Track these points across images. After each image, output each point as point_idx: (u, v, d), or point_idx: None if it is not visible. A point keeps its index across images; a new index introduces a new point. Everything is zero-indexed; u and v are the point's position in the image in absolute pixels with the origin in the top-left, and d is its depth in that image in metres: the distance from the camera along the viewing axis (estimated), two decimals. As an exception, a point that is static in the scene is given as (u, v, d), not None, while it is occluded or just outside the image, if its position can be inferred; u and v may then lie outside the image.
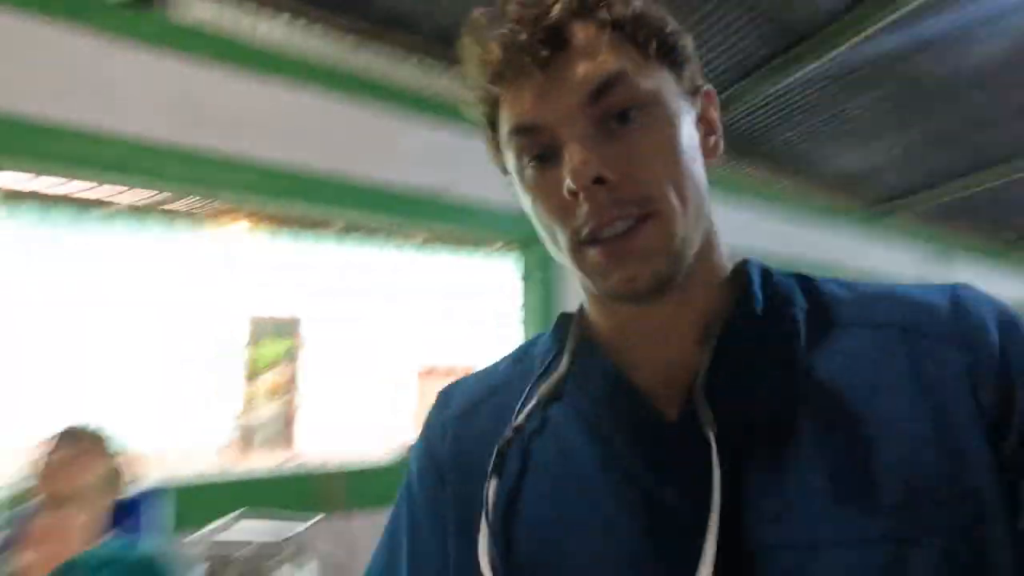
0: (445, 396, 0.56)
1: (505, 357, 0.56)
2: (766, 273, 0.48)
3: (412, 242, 2.44)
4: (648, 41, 0.43)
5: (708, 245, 0.46)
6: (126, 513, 1.31)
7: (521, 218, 0.49)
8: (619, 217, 0.41)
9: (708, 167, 0.47)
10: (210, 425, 2.11)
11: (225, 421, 2.14)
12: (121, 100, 1.81)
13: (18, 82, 1.69)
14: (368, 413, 2.32)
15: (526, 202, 0.46)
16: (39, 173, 1.79)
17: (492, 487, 0.46)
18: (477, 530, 0.44)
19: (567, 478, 0.45)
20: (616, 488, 0.43)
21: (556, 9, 0.42)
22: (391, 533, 0.53)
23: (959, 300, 0.43)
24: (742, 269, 0.49)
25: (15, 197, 1.81)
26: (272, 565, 1.24)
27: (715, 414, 0.41)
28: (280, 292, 2.21)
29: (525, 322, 2.62)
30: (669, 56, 0.44)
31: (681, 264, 0.43)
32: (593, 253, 0.42)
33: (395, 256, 2.42)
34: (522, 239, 2.57)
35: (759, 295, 0.46)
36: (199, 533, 1.51)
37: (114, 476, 1.22)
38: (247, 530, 1.43)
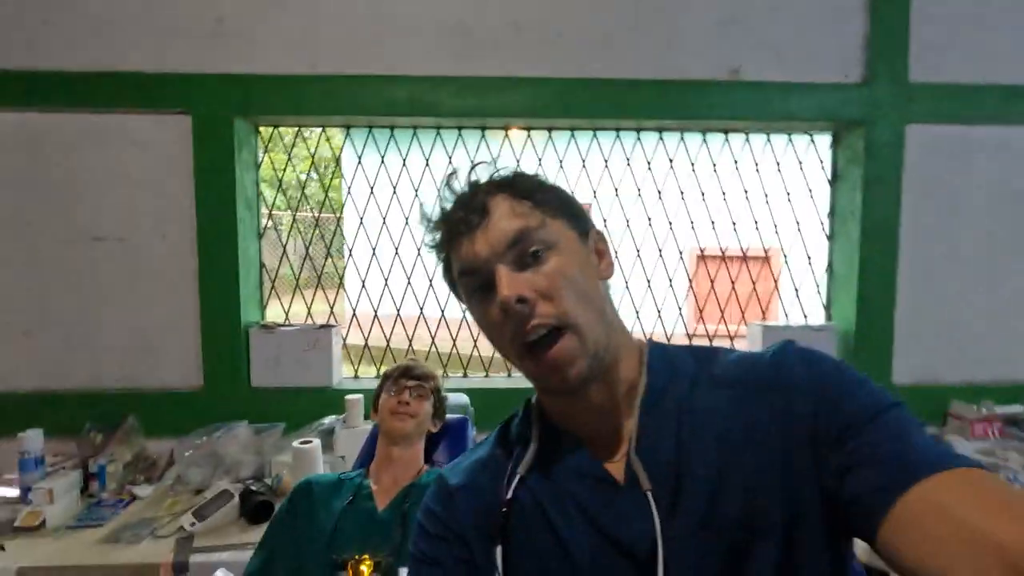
0: (445, 475, 0.72)
1: (490, 438, 0.73)
2: (664, 350, 0.68)
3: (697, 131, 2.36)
4: (545, 205, 0.63)
5: (617, 339, 0.64)
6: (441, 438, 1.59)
7: (832, 94, 0.62)
8: (539, 325, 0.58)
9: (603, 283, 0.67)
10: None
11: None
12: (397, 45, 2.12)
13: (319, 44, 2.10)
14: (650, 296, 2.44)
15: (477, 321, 0.66)
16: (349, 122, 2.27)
17: (499, 552, 0.62)
18: None
19: (549, 532, 0.61)
20: (587, 535, 0.60)
21: (480, 192, 0.63)
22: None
23: (775, 355, 0.63)
24: (646, 349, 0.67)
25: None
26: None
27: (646, 468, 0.59)
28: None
29: (836, 213, 2.38)
30: (564, 213, 0.64)
31: (599, 361, 0.61)
32: (530, 364, 0.61)
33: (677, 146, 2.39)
34: (833, 121, 2.23)
35: (660, 370, 0.65)
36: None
37: (440, 409, 1.49)
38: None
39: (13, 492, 1.76)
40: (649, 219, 2.32)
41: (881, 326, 2.24)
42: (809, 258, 2.44)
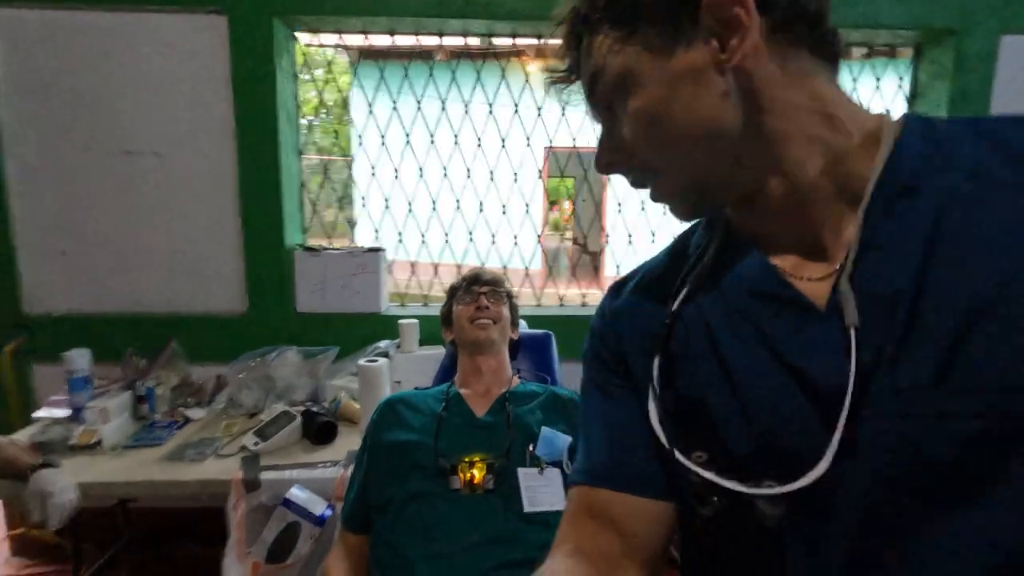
0: (619, 285, 0.63)
1: (664, 249, 0.62)
2: (927, 128, 0.46)
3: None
4: (601, 22, 0.47)
5: (788, 146, 0.46)
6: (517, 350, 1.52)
7: (920, 4, 0.44)
8: (633, 182, 0.53)
9: (751, 71, 0.45)
10: (516, 252, 2.34)
11: (530, 249, 2.35)
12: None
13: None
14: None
15: None
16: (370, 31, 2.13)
17: (656, 363, 0.53)
18: (644, 395, 0.54)
19: (713, 357, 0.50)
20: (761, 362, 0.47)
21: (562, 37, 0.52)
22: (583, 394, 0.63)
23: None
24: (896, 127, 0.46)
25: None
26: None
27: (859, 298, 0.43)
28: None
29: None
30: (630, 20, 0.46)
31: (711, 190, 0.50)
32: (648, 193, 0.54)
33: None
34: (921, 30, 2.05)
35: (911, 155, 0.45)
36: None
37: (515, 316, 1.41)
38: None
39: (63, 412, 1.69)
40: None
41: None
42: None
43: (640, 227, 2.27)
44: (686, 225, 0.60)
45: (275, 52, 1.93)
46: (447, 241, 2.32)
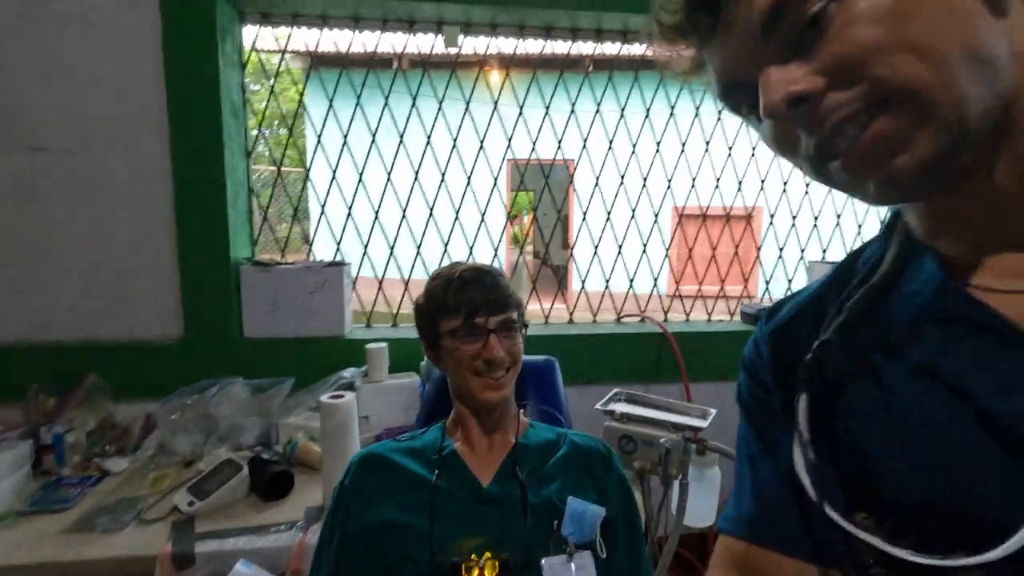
0: (771, 311, 0.54)
1: (832, 268, 0.52)
2: None
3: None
4: None
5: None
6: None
7: None
8: (846, 116, 0.35)
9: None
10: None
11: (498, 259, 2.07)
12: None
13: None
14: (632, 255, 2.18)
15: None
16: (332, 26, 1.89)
17: (803, 401, 0.45)
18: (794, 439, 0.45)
19: (880, 394, 0.42)
20: (944, 405, 0.38)
21: None
22: (739, 430, 0.54)
23: None
24: None
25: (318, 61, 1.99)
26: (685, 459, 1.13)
27: None
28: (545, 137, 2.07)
29: None
30: None
31: (965, 135, 0.34)
32: (836, 171, 0.38)
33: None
34: None
35: None
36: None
37: (526, 328, 1.03)
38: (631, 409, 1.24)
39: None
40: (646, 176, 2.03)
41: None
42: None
43: (607, 241, 2.09)
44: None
45: (218, 34, 1.65)
46: (391, 254, 2.05)
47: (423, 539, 0.79)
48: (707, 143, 2.14)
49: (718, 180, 2.13)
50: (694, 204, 2.16)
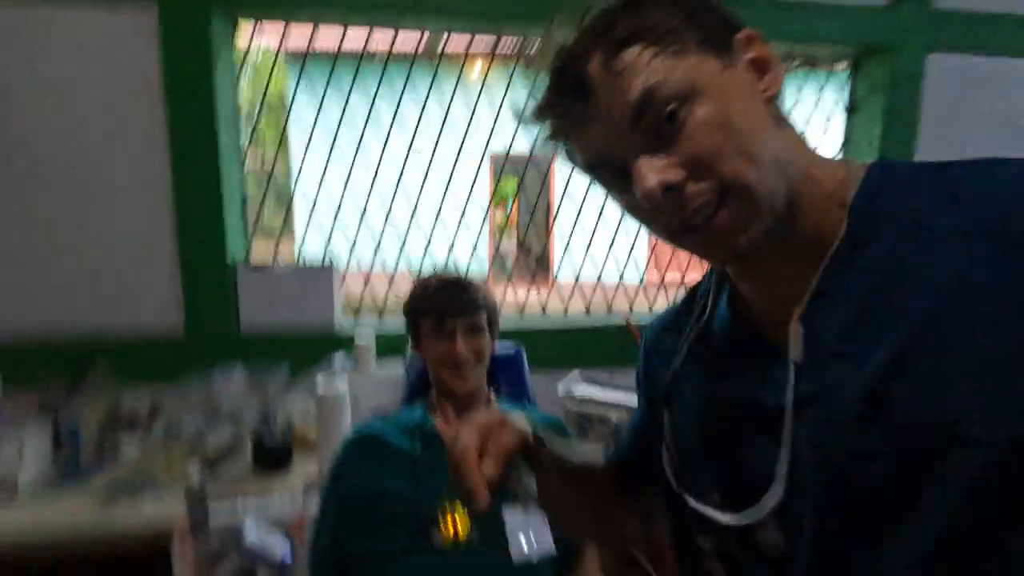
0: (651, 324, 0.70)
1: (683, 297, 0.67)
2: (888, 177, 0.50)
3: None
4: (663, 37, 0.45)
5: (801, 175, 0.49)
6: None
7: (857, 17, 0.50)
8: (701, 206, 0.46)
9: (771, 103, 0.49)
10: (465, 256, 2.21)
11: (478, 253, 2.26)
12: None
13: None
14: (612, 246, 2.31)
15: (625, 211, 0.53)
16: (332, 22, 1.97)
17: (666, 416, 0.61)
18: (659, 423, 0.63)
19: (705, 403, 0.58)
20: (738, 401, 0.55)
21: (570, 64, 0.47)
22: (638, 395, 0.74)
23: None
24: (861, 174, 0.51)
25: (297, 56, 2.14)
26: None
27: (807, 338, 0.49)
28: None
29: (850, 146, 2.31)
30: (692, 35, 0.46)
31: (775, 215, 0.48)
32: (691, 241, 0.49)
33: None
34: (856, 46, 2.15)
35: (868, 214, 0.48)
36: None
37: (495, 325, 1.20)
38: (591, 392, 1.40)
39: None
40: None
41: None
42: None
43: (582, 229, 2.27)
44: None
45: (213, 45, 1.78)
46: (377, 249, 2.22)
47: (410, 501, 0.97)
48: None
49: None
50: None
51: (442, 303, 1.12)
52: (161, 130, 1.77)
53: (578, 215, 2.26)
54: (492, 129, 2.12)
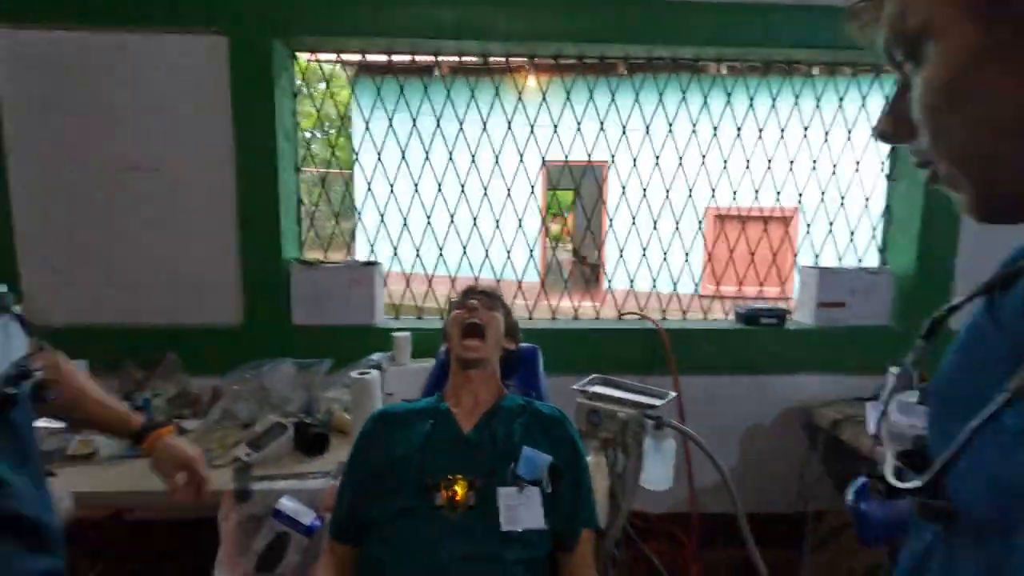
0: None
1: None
2: None
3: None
4: None
5: None
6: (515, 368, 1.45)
7: None
8: (923, 163, 0.41)
9: None
10: (518, 265, 2.37)
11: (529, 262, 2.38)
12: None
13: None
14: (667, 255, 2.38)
15: None
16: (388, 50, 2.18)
17: None
18: None
19: None
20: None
21: None
22: None
23: None
24: None
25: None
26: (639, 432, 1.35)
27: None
28: (580, 138, 2.28)
29: (896, 169, 2.28)
30: None
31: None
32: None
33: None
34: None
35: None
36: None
37: (513, 328, 1.38)
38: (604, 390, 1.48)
39: (60, 423, 1.72)
40: (678, 173, 2.23)
41: (942, 270, 2.17)
42: (867, 200, 2.36)
43: (632, 240, 2.31)
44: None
45: (274, 72, 1.98)
46: (440, 254, 2.35)
47: (417, 468, 1.08)
48: (745, 140, 2.34)
49: (755, 184, 2.33)
50: (730, 206, 2.34)
51: (467, 287, 1.38)
52: (228, 144, 1.99)
53: (632, 223, 2.31)
54: (550, 139, 2.23)
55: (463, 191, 2.30)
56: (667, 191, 2.35)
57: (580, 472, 1.16)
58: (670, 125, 2.32)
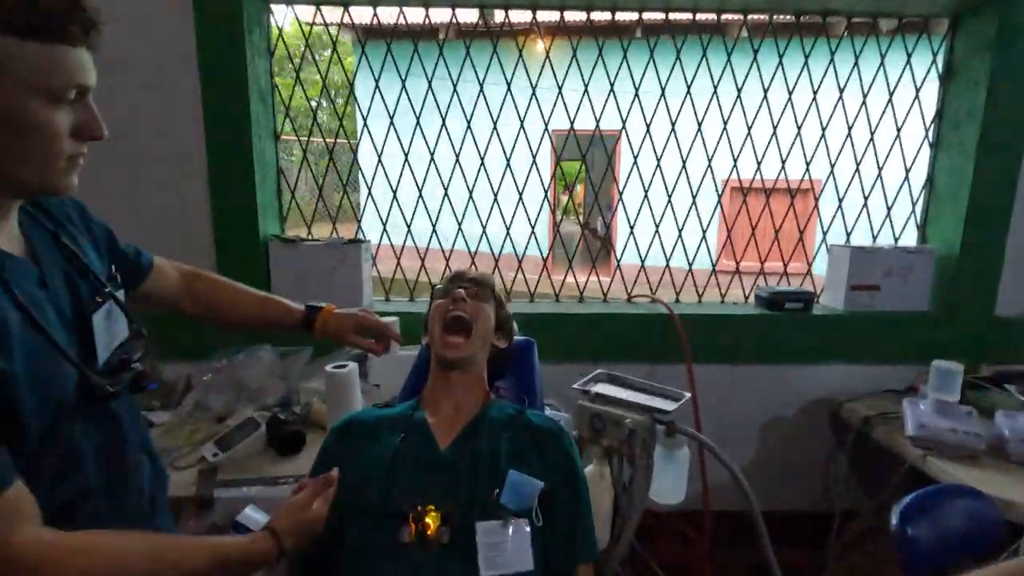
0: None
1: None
2: None
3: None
4: None
5: None
6: (506, 367, 1.28)
7: None
8: None
9: None
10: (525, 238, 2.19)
11: (539, 235, 2.21)
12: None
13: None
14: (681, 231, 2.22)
15: None
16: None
17: None
18: None
19: None
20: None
21: None
22: None
23: None
24: None
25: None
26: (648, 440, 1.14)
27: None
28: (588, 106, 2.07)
29: (945, 117, 2.02)
30: None
31: None
32: None
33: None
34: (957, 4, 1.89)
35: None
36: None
37: (505, 323, 1.21)
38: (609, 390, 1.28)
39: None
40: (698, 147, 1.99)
41: (991, 250, 1.94)
42: (907, 171, 2.12)
43: (645, 212, 2.10)
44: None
45: (245, 25, 1.77)
46: (433, 229, 2.16)
47: (379, 494, 0.91)
48: (772, 113, 2.10)
49: (781, 155, 2.10)
50: (746, 178, 2.12)
51: (454, 272, 1.19)
52: (196, 107, 1.79)
53: (644, 196, 2.10)
54: (554, 105, 2.01)
55: (457, 161, 2.09)
56: (683, 161, 2.12)
57: (578, 498, 0.98)
58: (688, 88, 2.07)
